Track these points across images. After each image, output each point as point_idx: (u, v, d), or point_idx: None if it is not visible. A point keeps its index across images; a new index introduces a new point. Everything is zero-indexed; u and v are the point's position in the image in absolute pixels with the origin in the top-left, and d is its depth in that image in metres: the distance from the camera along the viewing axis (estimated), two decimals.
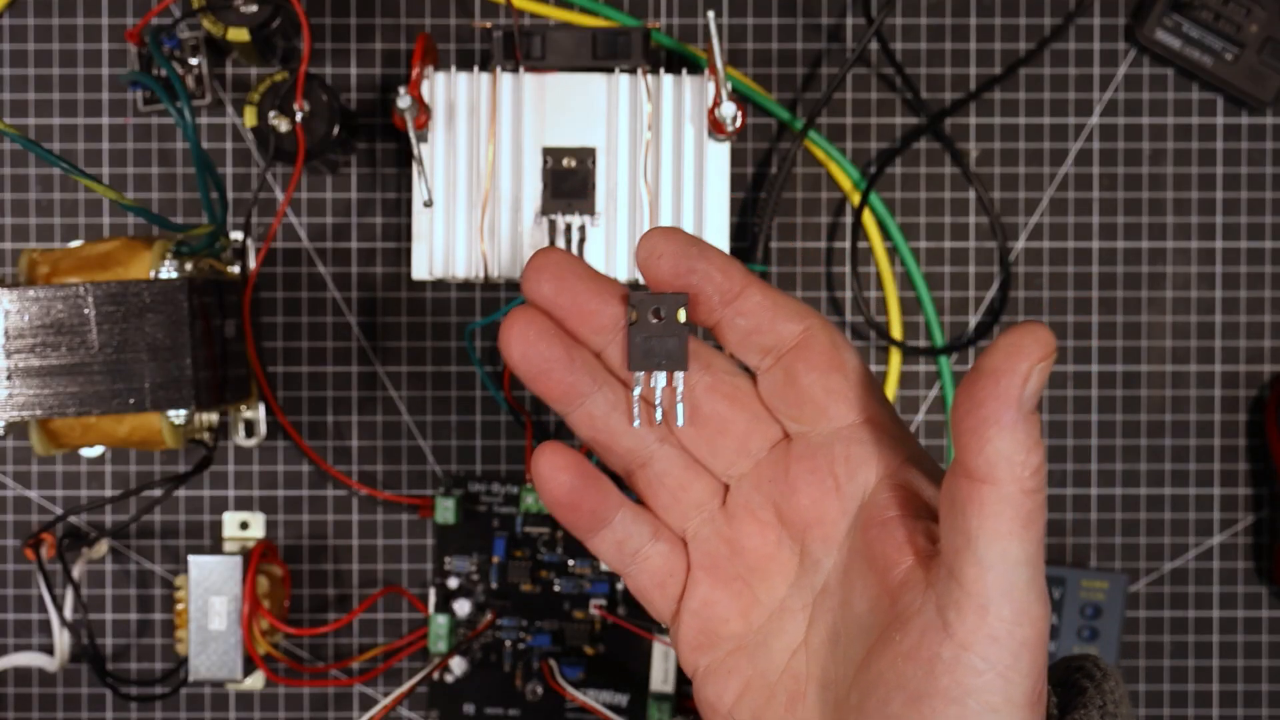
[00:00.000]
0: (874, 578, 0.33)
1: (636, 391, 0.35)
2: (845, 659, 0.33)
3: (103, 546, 0.63)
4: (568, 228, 0.59)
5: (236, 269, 0.61)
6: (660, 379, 0.35)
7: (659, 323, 0.35)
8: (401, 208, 0.64)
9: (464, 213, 0.60)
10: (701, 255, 0.34)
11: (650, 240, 0.35)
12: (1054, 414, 0.64)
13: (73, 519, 0.63)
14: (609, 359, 0.36)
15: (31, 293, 0.52)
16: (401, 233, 0.64)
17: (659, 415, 0.35)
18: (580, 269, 0.35)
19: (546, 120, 0.59)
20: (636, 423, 0.35)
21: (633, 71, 0.59)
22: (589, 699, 0.60)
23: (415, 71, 0.58)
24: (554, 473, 0.35)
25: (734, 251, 0.62)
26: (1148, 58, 0.64)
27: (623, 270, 0.60)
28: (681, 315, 0.35)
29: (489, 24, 0.61)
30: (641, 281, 0.60)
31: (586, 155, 0.59)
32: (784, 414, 0.35)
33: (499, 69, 0.59)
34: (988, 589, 0.29)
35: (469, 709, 0.62)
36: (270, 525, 0.64)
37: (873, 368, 0.64)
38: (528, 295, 0.35)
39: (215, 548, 0.63)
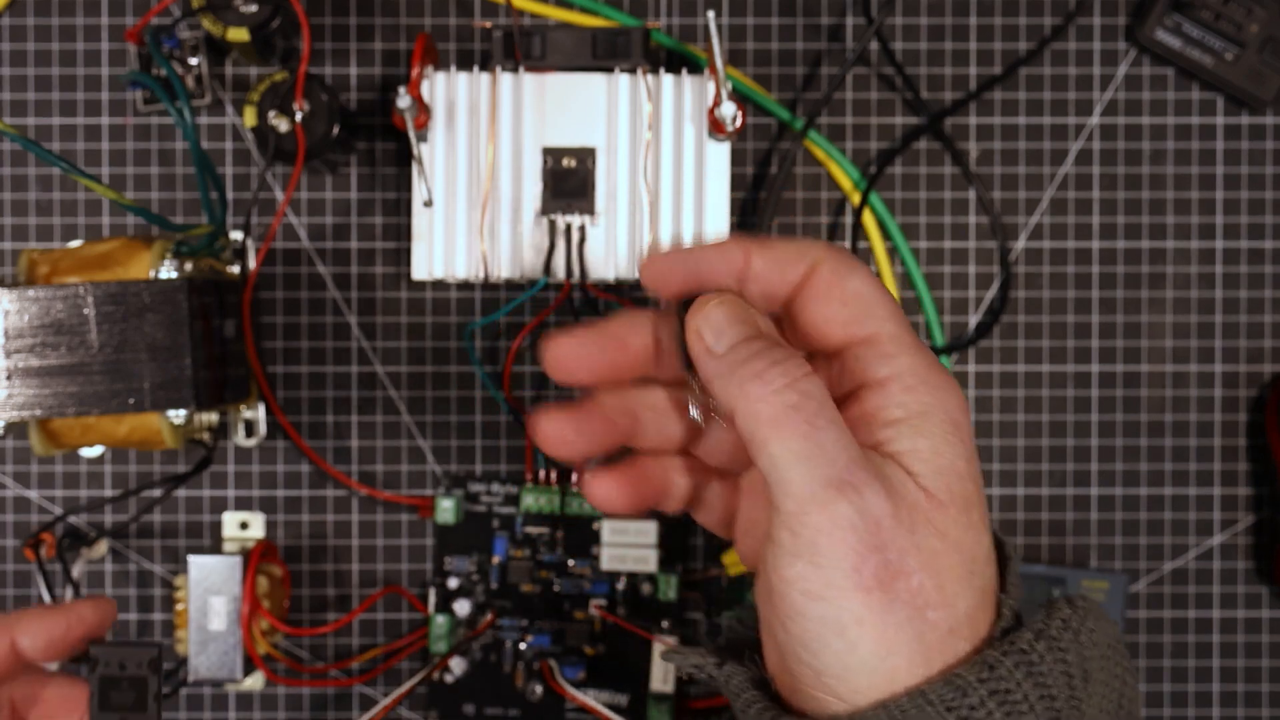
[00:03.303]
0: None
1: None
2: None
3: (102, 546, 0.63)
4: (568, 228, 0.59)
5: (236, 269, 0.61)
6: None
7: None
8: (401, 208, 0.64)
9: (464, 213, 0.60)
10: (696, 258, 0.36)
11: (650, 270, 0.37)
12: (1054, 414, 0.64)
13: (72, 519, 0.63)
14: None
15: (31, 293, 0.51)
16: (401, 233, 0.64)
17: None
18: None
19: (546, 120, 0.59)
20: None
21: (633, 71, 0.59)
22: (589, 699, 0.60)
23: (415, 71, 0.58)
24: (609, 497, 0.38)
25: None
26: (1148, 58, 0.64)
27: (623, 269, 0.60)
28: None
29: (489, 24, 0.61)
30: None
31: (586, 155, 0.59)
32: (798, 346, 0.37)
33: (499, 69, 0.59)
34: (774, 496, 0.33)
35: (469, 709, 0.62)
36: (270, 525, 0.64)
37: None
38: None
39: (215, 548, 0.63)
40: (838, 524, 0.31)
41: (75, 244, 0.56)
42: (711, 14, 0.56)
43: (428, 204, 0.58)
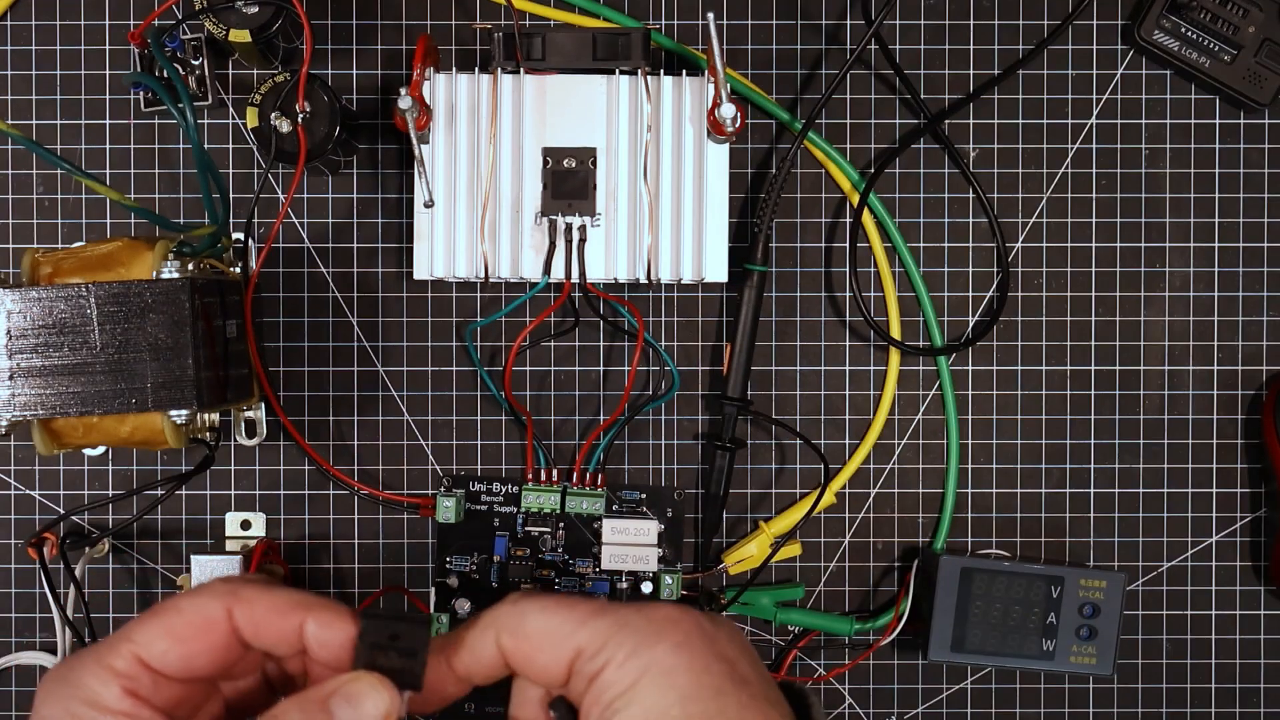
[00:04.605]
0: None
1: None
2: None
3: (105, 546, 0.63)
4: (568, 228, 0.60)
5: (238, 269, 0.61)
6: None
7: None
8: (403, 208, 0.64)
9: (465, 213, 0.60)
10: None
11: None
12: (1052, 414, 0.64)
13: (75, 518, 0.63)
14: None
15: (34, 293, 0.52)
16: (403, 233, 0.64)
17: None
18: None
19: (547, 121, 0.60)
20: None
21: (633, 72, 0.60)
22: None
23: (416, 73, 0.58)
24: None
25: (734, 252, 0.62)
26: (1145, 59, 0.64)
27: (622, 270, 0.60)
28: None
29: (489, 25, 0.61)
30: (641, 280, 0.60)
31: (587, 156, 0.60)
32: None
33: (499, 70, 0.60)
34: None
35: (469, 708, 0.62)
36: (272, 524, 0.64)
37: (871, 367, 0.64)
38: None
39: (217, 547, 0.63)
40: None
41: (78, 244, 0.56)
42: (711, 16, 0.56)
43: (429, 205, 0.59)
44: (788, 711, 0.37)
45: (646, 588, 0.62)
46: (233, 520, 0.64)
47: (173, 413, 0.53)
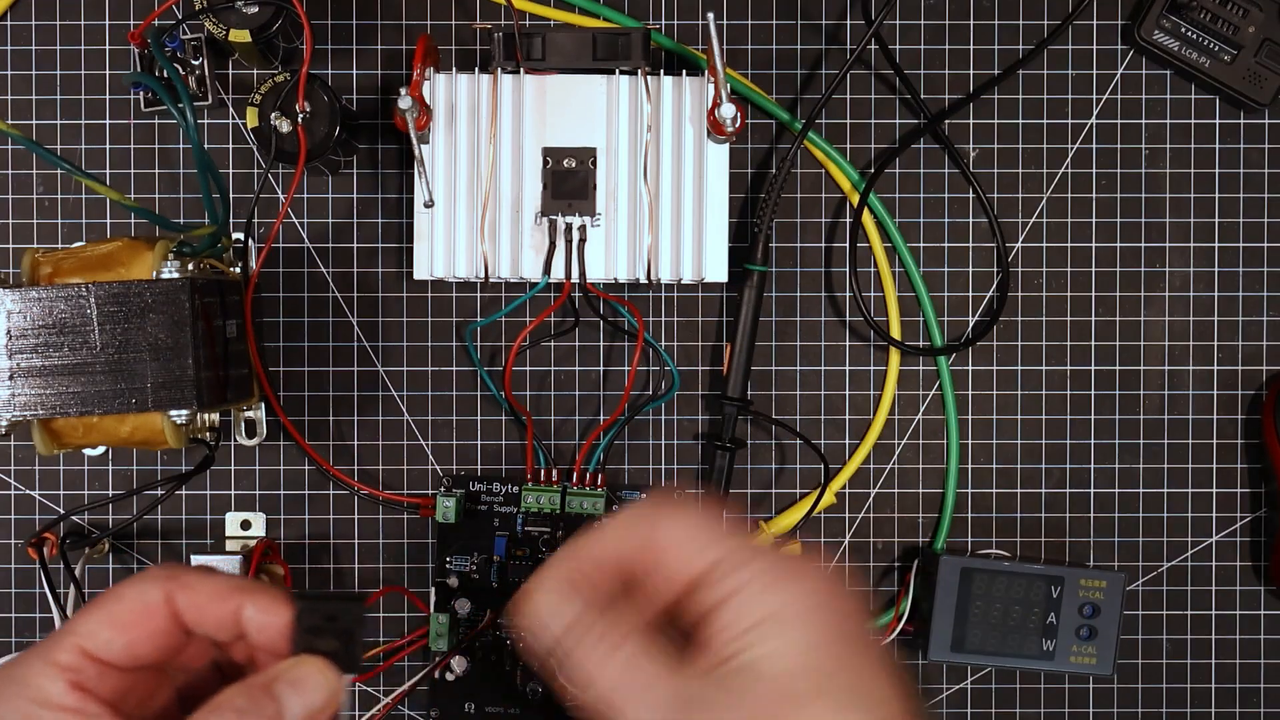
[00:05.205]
0: None
1: None
2: None
3: (104, 546, 0.63)
4: (568, 228, 0.60)
5: (238, 269, 0.61)
6: None
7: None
8: (403, 208, 0.64)
9: (465, 213, 0.60)
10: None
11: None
12: (1052, 414, 0.64)
13: (75, 518, 0.63)
14: None
15: (34, 293, 0.52)
16: (403, 233, 0.64)
17: None
18: None
19: (547, 121, 0.60)
20: None
21: (633, 72, 0.60)
22: None
23: (416, 73, 0.58)
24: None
25: (734, 252, 0.62)
26: (1145, 59, 0.64)
27: (622, 270, 0.60)
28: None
29: (489, 25, 0.61)
30: (641, 280, 0.60)
31: (587, 156, 0.60)
32: None
33: (499, 70, 0.60)
34: None
35: (469, 707, 0.62)
36: (272, 524, 0.64)
37: (871, 367, 0.64)
38: None
39: (217, 547, 0.63)
40: None
41: (78, 244, 0.56)
42: (711, 15, 0.56)
43: (429, 205, 0.59)
44: (901, 675, 0.36)
45: None
46: (233, 520, 0.64)
47: (173, 413, 0.53)
